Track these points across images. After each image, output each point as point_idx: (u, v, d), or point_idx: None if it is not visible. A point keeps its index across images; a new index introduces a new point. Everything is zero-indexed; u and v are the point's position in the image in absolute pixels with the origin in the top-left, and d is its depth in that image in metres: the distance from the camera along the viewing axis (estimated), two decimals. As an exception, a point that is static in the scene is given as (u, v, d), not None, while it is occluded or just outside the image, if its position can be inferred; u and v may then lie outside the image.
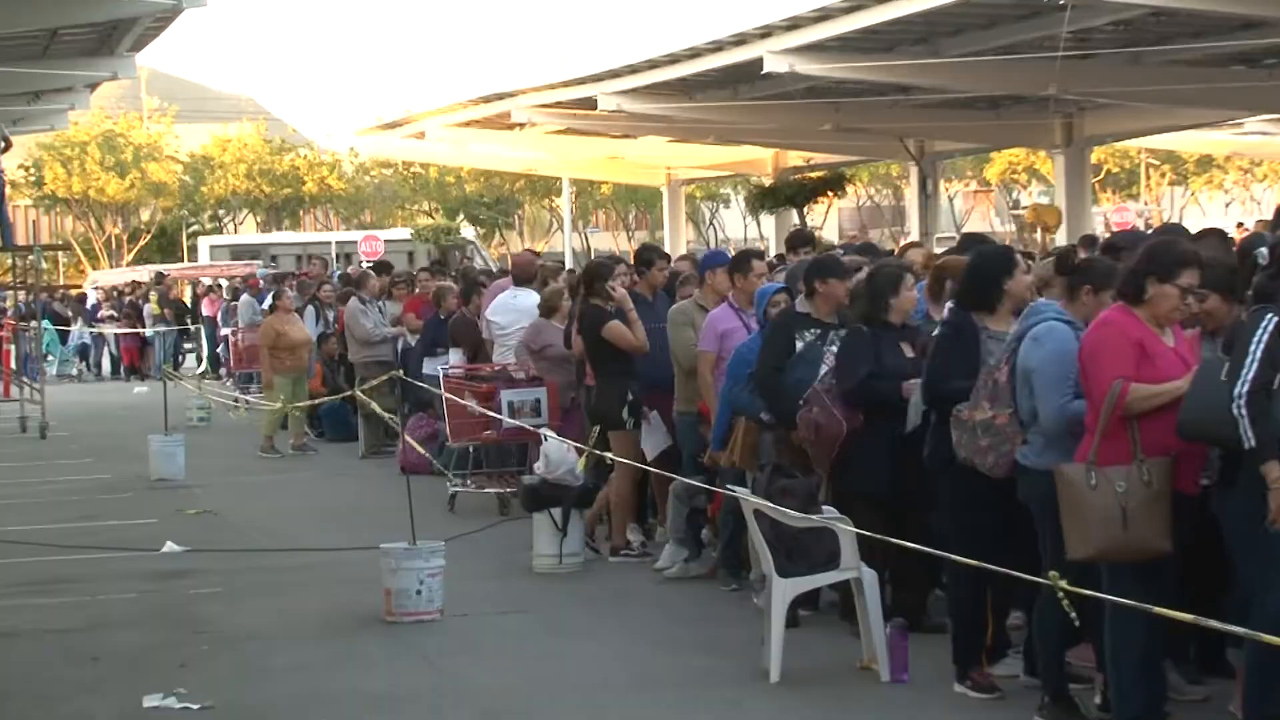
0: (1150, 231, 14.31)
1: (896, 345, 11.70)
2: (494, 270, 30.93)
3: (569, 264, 38.87)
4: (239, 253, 56.49)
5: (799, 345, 12.51)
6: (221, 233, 74.92)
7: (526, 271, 20.03)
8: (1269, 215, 21.74)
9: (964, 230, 58.55)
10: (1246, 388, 8.28)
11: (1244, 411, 8.29)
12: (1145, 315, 9.17)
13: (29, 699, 11.23)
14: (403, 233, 59.18)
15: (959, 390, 10.27)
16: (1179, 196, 71.20)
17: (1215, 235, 12.29)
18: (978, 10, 25.90)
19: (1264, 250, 9.31)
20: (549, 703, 10.79)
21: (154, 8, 22.91)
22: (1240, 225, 35.79)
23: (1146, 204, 66.06)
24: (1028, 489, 9.74)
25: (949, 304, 11.20)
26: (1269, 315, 8.38)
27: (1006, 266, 10.99)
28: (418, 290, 25.54)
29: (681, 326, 14.60)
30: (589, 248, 73.89)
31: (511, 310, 18.97)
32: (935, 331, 11.10)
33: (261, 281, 39.08)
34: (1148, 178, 70.10)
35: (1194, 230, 13.40)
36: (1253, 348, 8.33)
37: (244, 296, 36.71)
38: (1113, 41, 28.19)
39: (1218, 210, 66.99)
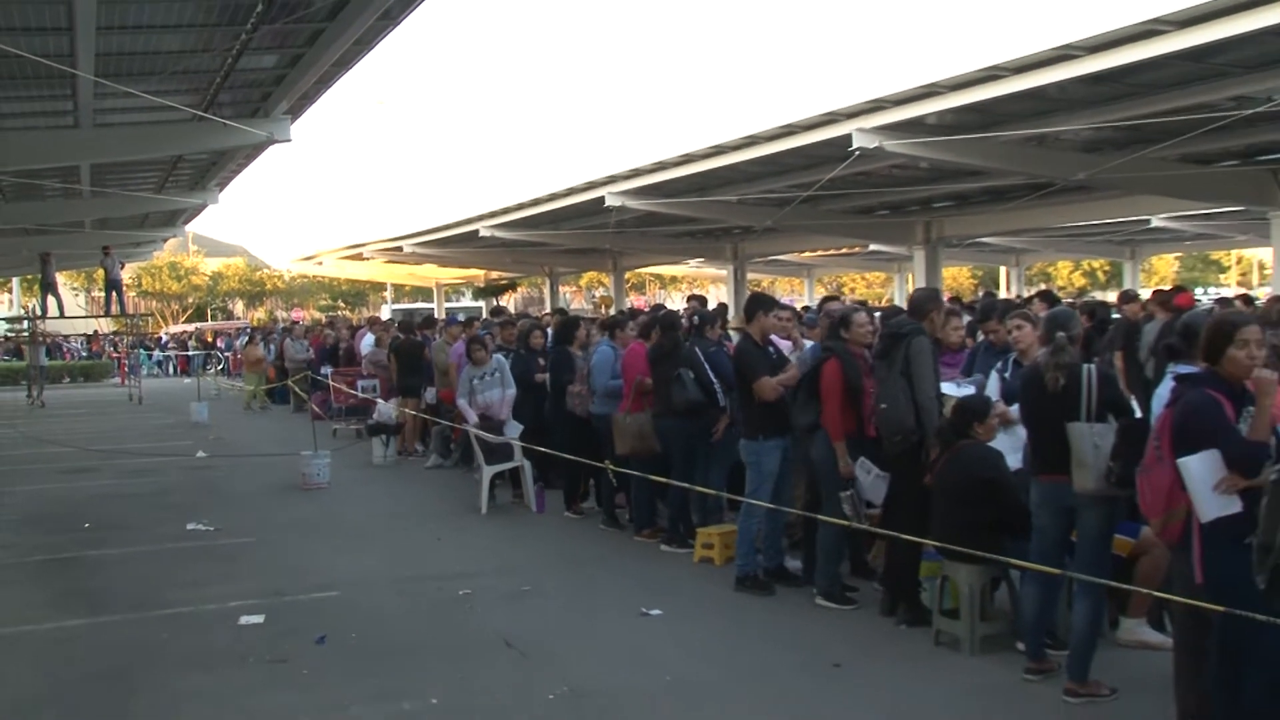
0: (648, 311, 14.36)
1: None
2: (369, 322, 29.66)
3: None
4: (411, 314, 46.18)
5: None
6: (225, 309, 70.87)
7: (377, 324, 19.38)
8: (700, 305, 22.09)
9: (569, 308, 58.83)
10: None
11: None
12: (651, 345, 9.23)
13: (132, 526, 10.52)
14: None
15: (567, 384, 10.29)
16: (666, 295, 72.23)
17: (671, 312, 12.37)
18: (575, 209, 25.72)
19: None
20: (382, 524, 10.38)
21: (193, 205, 22.12)
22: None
23: (650, 298, 67.10)
24: (599, 424, 9.71)
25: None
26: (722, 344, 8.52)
27: (577, 324, 11.16)
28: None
29: (441, 351, 14.24)
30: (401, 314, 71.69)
31: (369, 345, 18.32)
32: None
33: (241, 333, 37.31)
34: (649, 285, 71.36)
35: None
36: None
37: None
38: (636, 224, 28.42)
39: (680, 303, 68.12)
